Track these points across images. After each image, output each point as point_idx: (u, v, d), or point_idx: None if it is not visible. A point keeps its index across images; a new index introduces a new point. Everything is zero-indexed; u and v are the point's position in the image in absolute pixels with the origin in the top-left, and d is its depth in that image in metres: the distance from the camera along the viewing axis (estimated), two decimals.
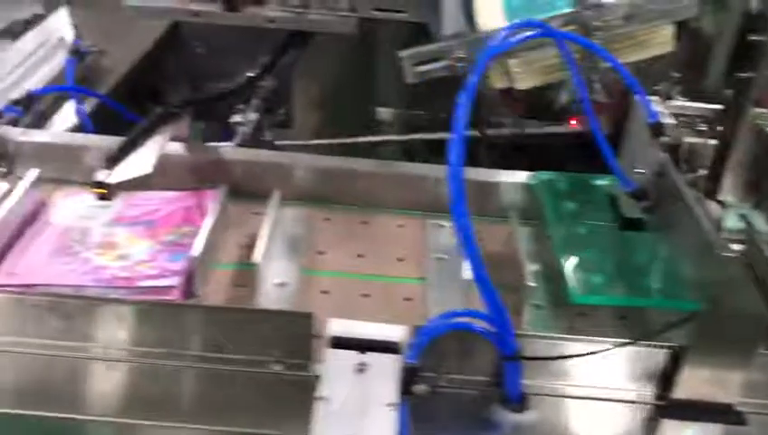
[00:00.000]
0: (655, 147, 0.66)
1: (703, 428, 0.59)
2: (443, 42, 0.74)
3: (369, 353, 0.56)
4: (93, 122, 0.97)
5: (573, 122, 1.14)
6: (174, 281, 0.66)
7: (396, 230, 0.81)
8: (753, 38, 0.71)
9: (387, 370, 0.55)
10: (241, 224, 0.77)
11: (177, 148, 0.80)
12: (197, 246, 0.67)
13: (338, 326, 0.57)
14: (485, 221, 0.79)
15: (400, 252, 0.77)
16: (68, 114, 0.98)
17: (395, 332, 0.57)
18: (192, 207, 0.76)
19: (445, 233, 0.79)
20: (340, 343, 0.56)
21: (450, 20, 0.75)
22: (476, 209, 0.77)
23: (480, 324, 0.57)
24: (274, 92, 1.04)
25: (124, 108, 1.08)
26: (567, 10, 0.70)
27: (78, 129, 0.97)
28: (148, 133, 0.73)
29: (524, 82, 0.82)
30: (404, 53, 0.73)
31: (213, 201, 0.75)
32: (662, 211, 0.67)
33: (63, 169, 0.80)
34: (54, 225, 0.73)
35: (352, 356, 0.56)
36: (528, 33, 0.61)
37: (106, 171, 0.66)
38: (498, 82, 0.86)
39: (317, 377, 0.59)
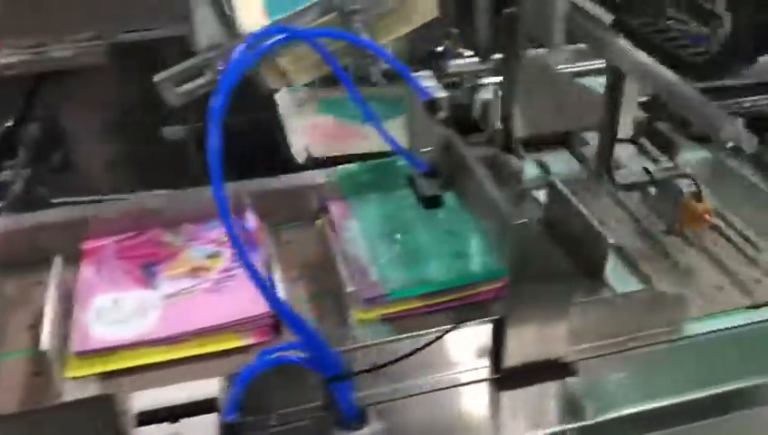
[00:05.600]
0: (435, 123, 0.65)
1: (540, 390, 0.59)
2: (200, 55, 0.68)
3: (182, 421, 0.51)
4: None
5: None
6: None
7: None
8: None
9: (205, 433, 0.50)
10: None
11: None
12: None
13: (143, 399, 0.52)
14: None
15: None
16: None
17: (209, 387, 0.52)
18: None
19: None
20: (148, 417, 0.51)
21: (205, 30, 0.70)
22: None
23: (297, 354, 0.53)
24: (45, 137, 0.95)
25: None
26: None
27: None
28: None
29: (300, 79, 0.79)
30: (158, 77, 0.67)
31: None
32: (458, 184, 0.66)
33: None
34: None
35: (164, 429, 0.50)
36: (273, 40, 0.56)
37: None
38: (276, 83, 0.82)
39: None
